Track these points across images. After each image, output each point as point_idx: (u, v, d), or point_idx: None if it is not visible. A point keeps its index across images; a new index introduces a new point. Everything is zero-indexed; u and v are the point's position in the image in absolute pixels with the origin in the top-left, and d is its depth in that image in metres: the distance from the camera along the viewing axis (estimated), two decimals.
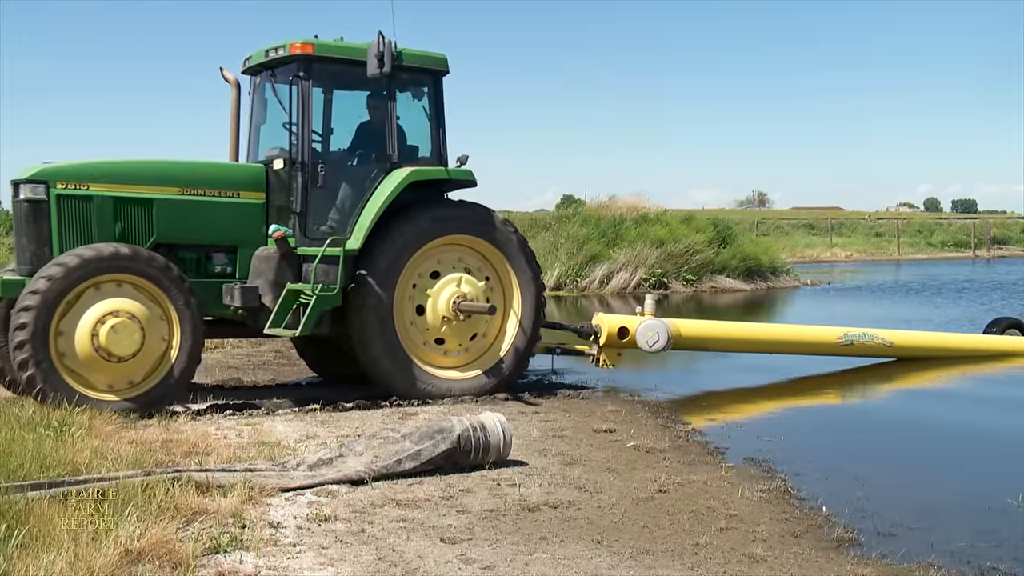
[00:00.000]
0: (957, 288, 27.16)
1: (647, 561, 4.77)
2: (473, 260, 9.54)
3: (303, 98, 8.91)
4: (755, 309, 22.33)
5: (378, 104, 9.33)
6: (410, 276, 9.18)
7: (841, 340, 11.55)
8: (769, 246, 32.95)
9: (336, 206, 9.11)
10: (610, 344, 10.53)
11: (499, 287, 9.66)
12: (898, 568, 4.81)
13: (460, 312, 9.18)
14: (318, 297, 8.51)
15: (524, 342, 9.63)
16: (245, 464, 6.13)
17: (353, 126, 9.65)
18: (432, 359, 9.30)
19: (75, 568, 4.04)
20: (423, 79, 9.55)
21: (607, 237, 27.47)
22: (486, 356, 9.56)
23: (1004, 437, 8.58)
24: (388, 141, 9.20)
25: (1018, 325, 13.67)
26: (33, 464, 5.49)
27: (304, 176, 8.88)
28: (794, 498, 6.11)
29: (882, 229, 60.10)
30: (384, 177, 9.09)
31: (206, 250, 8.91)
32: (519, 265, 9.63)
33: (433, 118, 9.59)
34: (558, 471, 6.56)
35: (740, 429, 8.53)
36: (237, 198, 8.94)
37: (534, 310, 9.69)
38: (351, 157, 9.58)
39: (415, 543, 4.94)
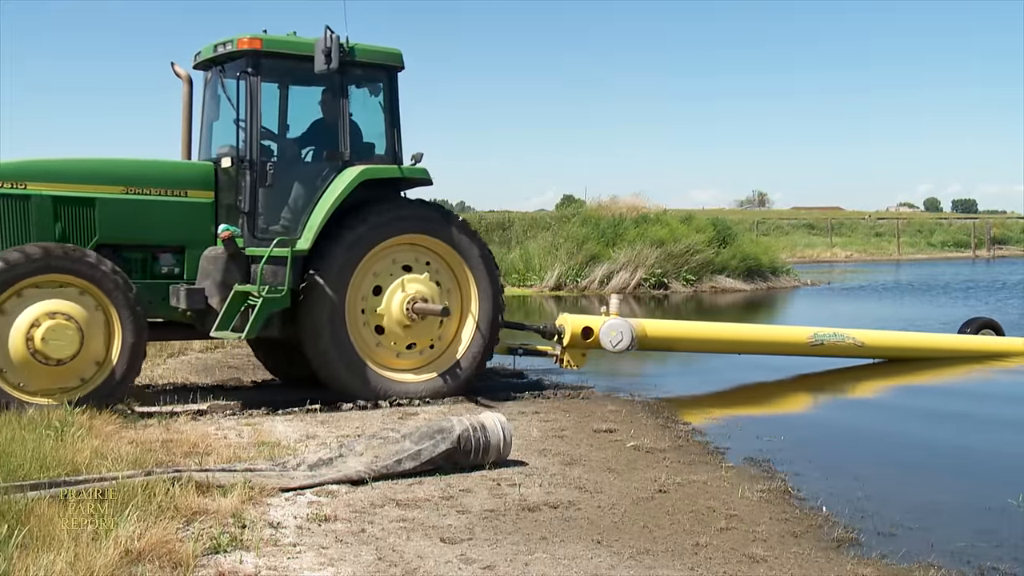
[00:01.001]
0: (963, 288, 27.18)
1: (647, 561, 4.77)
2: (429, 260, 9.31)
3: (251, 95, 8.70)
4: (755, 309, 22.33)
5: (329, 101, 9.15)
6: (363, 277, 8.97)
7: (811, 340, 11.41)
8: (769, 246, 32.96)
9: (286, 205, 8.91)
10: (574, 344, 10.38)
11: (456, 288, 9.47)
12: (898, 568, 4.81)
13: (414, 313, 8.97)
14: (265, 299, 8.29)
15: (482, 343, 9.43)
16: (245, 464, 6.13)
17: (305, 123, 9.46)
18: (387, 361, 9.10)
19: (75, 568, 4.04)
20: (377, 75, 9.33)
21: (607, 237, 27.48)
22: (443, 358, 9.35)
23: (1007, 433, 8.59)
24: (340, 139, 9.00)
25: (992, 325, 13.60)
26: (33, 464, 5.49)
27: (253, 175, 8.66)
28: (794, 498, 6.11)
29: (882, 229, 60.11)
30: (336, 176, 8.90)
31: (152, 251, 8.69)
32: (476, 265, 9.43)
33: (388, 115, 9.37)
34: (558, 471, 6.56)
35: (740, 429, 8.52)
36: (184, 197, 8.72)
37: (492, 311, 9.48)
38: (302, 155, 9.42)
39: (415, 543, 4.94)
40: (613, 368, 12.00)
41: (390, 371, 9.07)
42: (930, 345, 12.57)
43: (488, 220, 31.81)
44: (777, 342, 11.68)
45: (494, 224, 30.98)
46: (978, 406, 9.91)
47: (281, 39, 8.87)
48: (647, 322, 10.97)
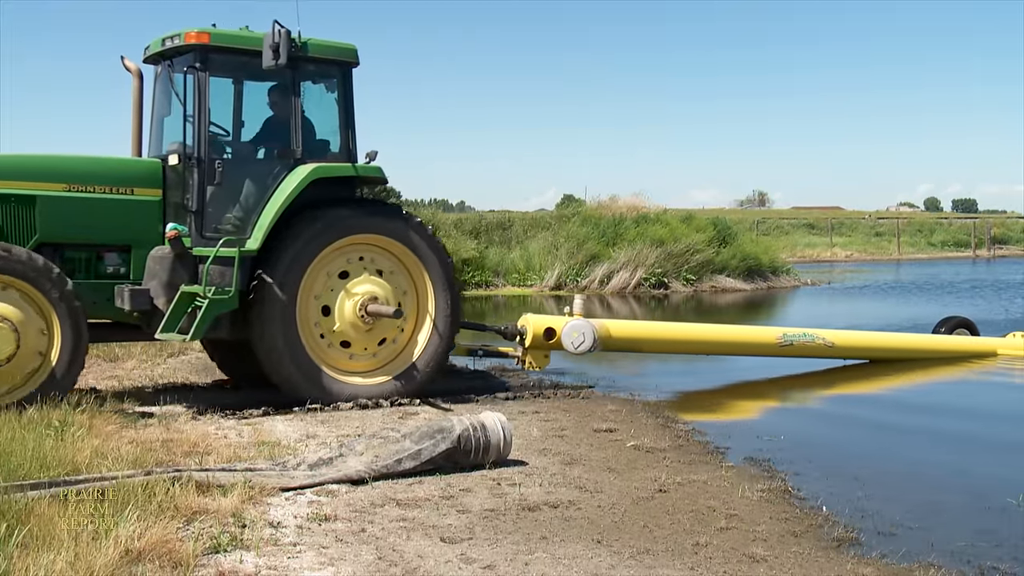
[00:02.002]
0: (969, 287, 27.20)
1: (647, 561, 4.77)
2: (384, 261, 9.11)
3: (199, 90, 8.46)
4: (755, 309, 22.34)
5: (281, 97, 8.95)
6: (315, 278, 8.77)
7: (780, 341, 11.27)
8: (769, 246, 32.95)
9: (236, 204, 8.71)
10: (536, 346, 10.22)
11: (412, 289, 9.25)
12: (898, 568, 4.81)
13: (367, 315, 8.79)
14: (211, 300, 8.08)
15: (438, 345, 9.22)
16: (245, 464, 6.13)
17: (257, 120, 9.24)
18: (340, 363, 8.91)
19: (75, 568, 4.05)
20: (331, 71, 9.13)
21: (607, 237, 27.49)
22: (398, 360, 9.16)
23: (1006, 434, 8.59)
24: (292, 136, 8.79)
25: (967, 324, 13.47)
26: (33, 464, 5.49)
27: (200, 172, 8.43)
28: (794, 498, 6.11)
29: (882, 229, 60.09)
30: (287, 174, 8.70)
31: (97, 250, 8.47)
32: (432, 266, 9.21)
33: (342, 112, 9.15)
34: (558, 471, 6.56)
35: (740, 428, 8.52)
36: (130, 195, 8.48)
37: (449, 312, 9.27)
38: (253, 152, 9.22)
39: (415, 543, 4.94)
40: (613, 367, 11.99)
41: (344, 373, 8.88)
42: (902, 346, 12.43)
43: (488, 220, 31.77)
44: (745, 343, 11.56)
45: (494, 224, 30.94)
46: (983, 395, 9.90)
47: (231, 33, 8.66)
48: (611, 323, 10.82)
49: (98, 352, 11.61)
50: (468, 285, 26.56)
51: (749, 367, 11.68)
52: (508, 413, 7.96)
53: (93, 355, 11.51)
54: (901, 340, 12.67)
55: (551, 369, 11.30)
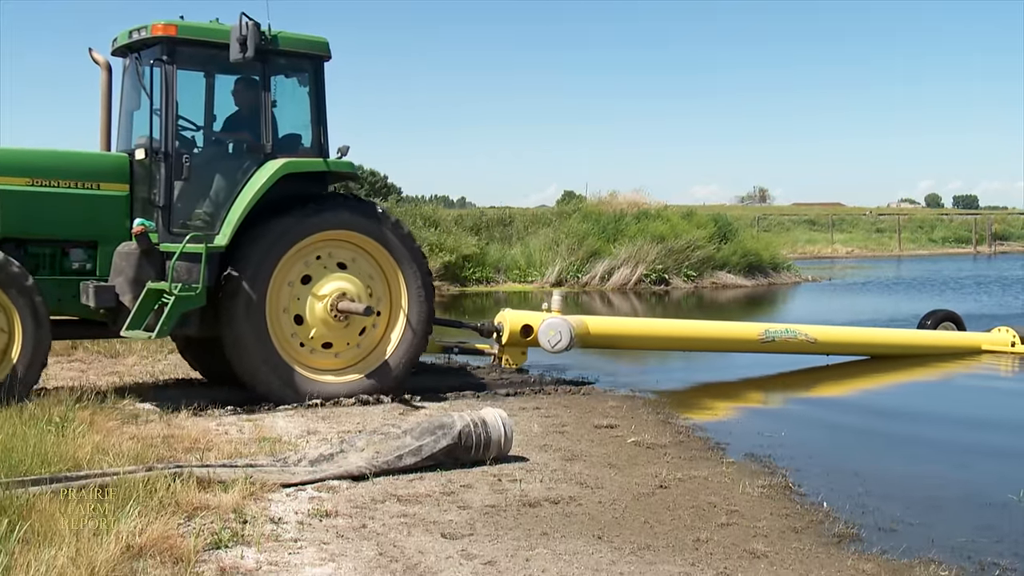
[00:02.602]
0: (974, 283, 27.22)
1: (648, 556, 4.77)
2: (355, 257, 8.96)
3: (166, 83, 8.29)
4: (756, 305, 22.33)
5: (251, 91, 8.79)
6: (285, 275, 8.61)
7: (762, 337, 11.19)
8: (770, 242, 32.95)
9: (205, 199, 8.55)
10: (513, 343, 10.14)
11: (385, 285, 9.09)
12: (899, 564, 4.81)
13: (338, 312, 8.65)
14: (177, 297, 7.92)
15: (412, 342, 9.07)
16: (246, 460, 6.13)
17: (227, 114, 9.09)
18: (311, 361, 8.76)
19: (77, 563, 4.05)
20: (302, 65, 8.99)
21: (608, 233, 27.50)
22: (371, 357, 9.01)
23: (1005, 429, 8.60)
24: (262, 130, 8.65)
25: (953, 318, 13.30)
26: (35, 459, 5.50)
27: (168, 167, 8.26)
28: (795, 494, 6.11)
29: (883, 225, 60.06)
30: (257, 169, 8.54)
31: (62, 245, 8.30)
32: (405, 262, 9.04)
33: (314, 106, 9.03)
34: (559, 467, 6.56)
35: (741, 425, 8.53)
36: (96, 190, 8.30)
37: (423, 309, 9.12)
38: (222, 147, 9.06)
39: (416, 538, 4.94)
40: (614, 364, 12.00)
41: (315, 372, 8.74)
42: (885, 341, 12.31)
43: (489, 216, 31.79)
44: (727, 339, 11.46)
45: (495, 220, 30.95)
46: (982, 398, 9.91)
47: (198, 26, 8.48)
48: (590, 319, 10.72)
49: (99, 348, 11.62)
50: (469, 281, 26.58)
51: (750, 363, 11.68)
52: (509, 409, 7.96)
53: (93, 351, 11.55)
54: (884, 336, 12.54)
55: (552, 365, 11.31)
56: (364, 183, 48.59)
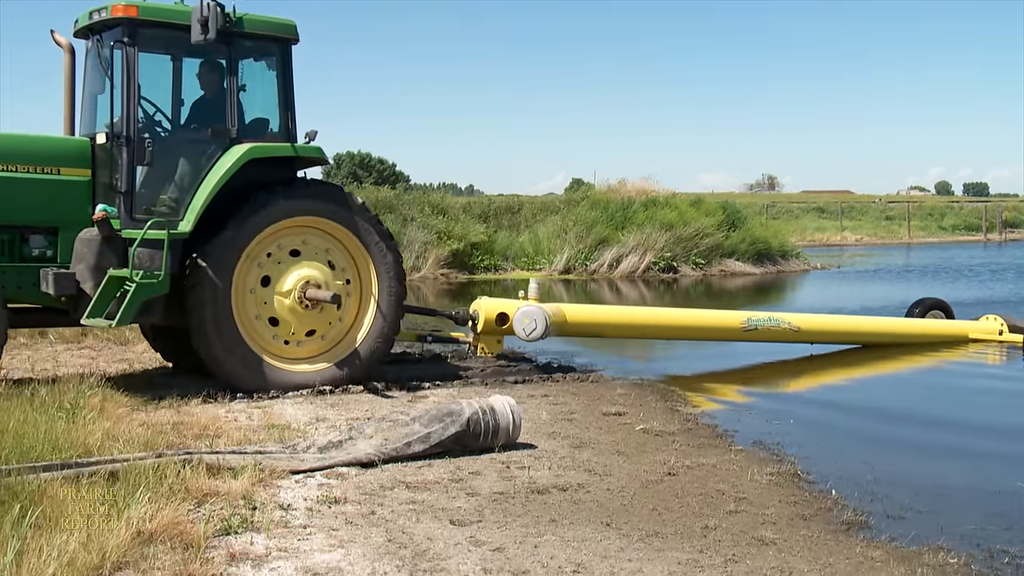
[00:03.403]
0: (990, 270, 27.13)
1: (656, 543, 4.78)
2: (324, 244, 8.81)
3: (127, 65, 8.06)
4: (764, 292, 22.29)
5: (216, 75, 8.61)
6: (252, 262, 8.46)
7: (744, 325, 11.03)
8: (779, 230, 32.86)
9: (168, 185, 8.38)
10: (488, 331, 10.01)
11: (355, 272, 8.96)
12: (908, 551, 4.80)
13: (306, 300, 8.50)
14: (139, 284, 7.73)
15: (382, 330, 8.92)
16: (255, 447, 6.15)
17: (192, 98, 8.90)
18: (279, 350, 8.62)
19: (88, 548, 4.07)
20: (269, 48, 8.79)
21: (616, 221, 27.45)
22: (340, 346, 8.87)
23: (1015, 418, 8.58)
24: (227, 114, 8.45)
25: (942, 306, 13.10)
26: (46, 446, 5.52)
27: (130, 151, 8.04)
28: (803, 481, 6.11)
29: (893, 213, 59.84)
30: (222, 154, 8.37)
31: (21, 231, 8.08)
32: (375, 248, 8.89)
33: (281, 90, 8.81)
34: (567, 454, 6.57)
35: (749, 412, 8.52)
36: (57, 175, 8.09)
37: (393, 296, 8.96)
38: (186, 131, 8.84)
39: (425, 525, 4.96)
40: (622, 351, 12.00)
41: (283, 360, 8.60)
42: (871, 330, 12.13)
43: (497, 204, 31.74)
44: (708, 327, 11.28)
45: (503, 208, 30.91)
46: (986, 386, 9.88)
47: (160, 7, 8.28)
48: (568, 307, 10.56)
49: (108, 335, 11.66)
50: (477, 269, 26.59)
51: (759, 351, 11.66)
52: (517, 396, 7.97)
53: (103, 338, 11.59)
54: (869, 324, 12.34)
55: (560, 352, 11.31)
56: (372, 171, 48.67)
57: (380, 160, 52.29)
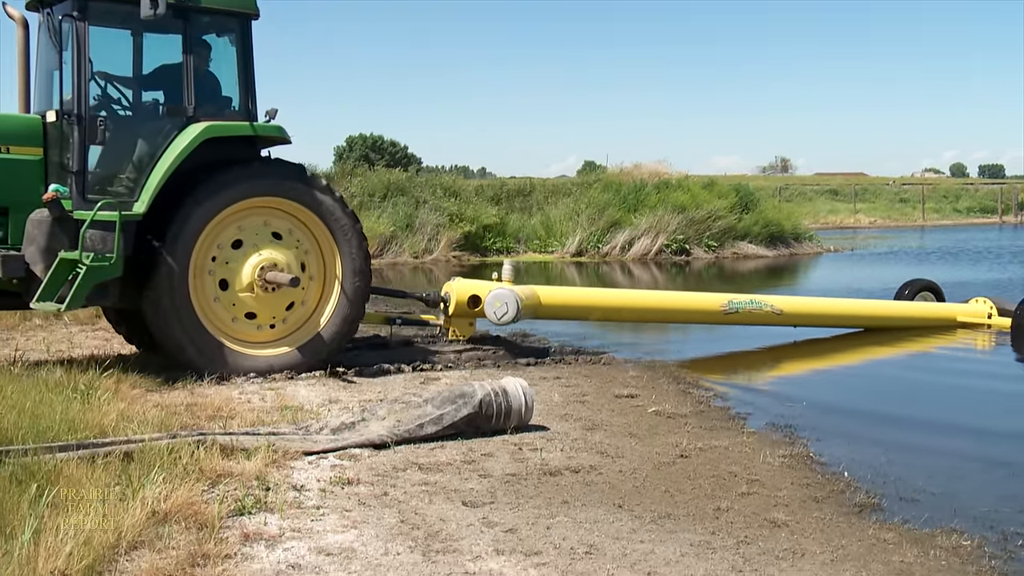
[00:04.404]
0: (1012, 252, 26.94)
1: (668, 525, 4.79)
2: (285, 225, 8.55)
3: (78, 40, 7.77)
4: (777, 274, 22.22)
5: (172, 51, 8.29)
6: (210, 244, 8.21)
7: (725, 308, 10.78)
8: (792, 212, 32.77)
9: (124, 164, 8.12)
10: (460, 314, 9.85)
11: (318, 254, 8.68)
12: (920, 533, 4.80)
13: (266, 283, 8.29)
14: (89, 267, 7.50)
15: (346, 313, 8.68)
16: (268, 428, 6.18)
17: (147, 75, 8.62)
18: (239, 334, 8.38)
19: (104, 528, 4.11)
20: (227, 23, 8.50)
21: (628, 203, 27.40)
22: (303, 330, 8.63)
23: None
24: (184, 92, 8.16)
25: (932, 288, 12.85)
26: (61, 426, 5.56)
27: (81, 130, 7.76)
28: (816, 463, 6.11)
29: (907, 195, 59.45)
30: (178, 133, 8.09)
31: None
32: (339, 230, 8.62)
33: (241, 67, 8.52)
34: (579, 436, 6.58)
35: (761, 394, 8.51)
36: (6, 154, 7.82)
37: (357, 278, 8.71)
38: (142, 109, 8.60)
39: (437, 506, 4.98)
40: (634, 334, 11.99)
41: (243, 344, 8.36)
42: (856, 313, 11.91)
43: (509, 186, 31.71)
44: (687, 310, 11.05)
45: (515, 190, 30.87)
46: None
47: None
48: (542, 289, 10.31)
49: None
50: (489, 251, 26.60)
51: (770, 333, 11.63)
52: (529, 378, 7.97)
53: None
54: (854, 307, 12.10)
55: (572, 335, 11.31)
56: (384, 154, 48.64)
57: (392, 143, 52.21)
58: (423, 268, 23.54)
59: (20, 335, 10.57)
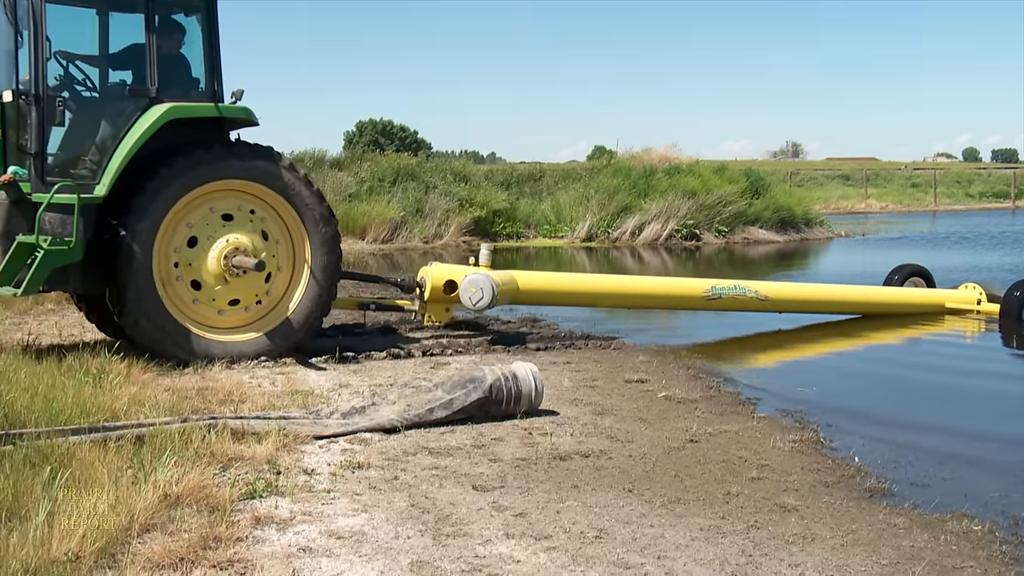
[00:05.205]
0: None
1: (678, 510, 4.79)
2: (251, 207, 8.40)
3: (35, 17, 7.57)
4: (788, 259, 22.15)
5: (135, 29, 8.13)
6: (175, 228, 8.07)
7: (708, 294, 10.65)
8: (803, 197, 32.65)
9: (82, 146, 7.98)
10: (436, 299, 9.75)
11: (287, 238, 8.57)
12: (931, 518, 4.79)
13: (232, 267, 8.16)
14: (47, 251, 7.35)
15: (316, 298, 8.57)
16: (279, 412, 6.21)
17: (110, 55, 8.46)
18: (206, 319, 8.24)
19: (116, 510, 4.13)
20: (191, 3, 8.37)
21: (638, 188, 27.34)
22: (271, 315, 8.51)
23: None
24: (147, 73, 7.99)
25: (922, 273, 12.64)
26: (74, 410, 5.59)
27: (39, 111, 7.59)
28: (826, 448, 6.10)
29: (919, 180, 59.14)
30: (141, 114, 7.94)
31: None
32: (308, 213, 8.49)
33: (206, 48, 8.37)
34: (589, 421, 6.58)
35: (771, 379, 8.49)
36: None
37: (327, 262, 8.59)
38: (103, 90, 8.42)
39: (447, 490, 4.99)
40: (644, 319, 11.97)
41: (211, 330, 8.23)
42: (842, 298, 11.72)
43: (519, 171, 31.67)
44: (669, 295, 10.87)
45: (525, 175, 30.85)
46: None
47: None
48: (521, 275, 10.14)
49: None
50: (499, 236, 26.59)
51: (782, 318, 11.60)
52: (539, 363, 7.98)
53: None
54: (840, 293, 11.91)
55: (582, 319, 11.30)
56: (394, 139, 48.60)
57: (402, 127, 52.19)
58: (433, 253, 23.53)
59: (32, 319, 10.62)
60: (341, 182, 26.79)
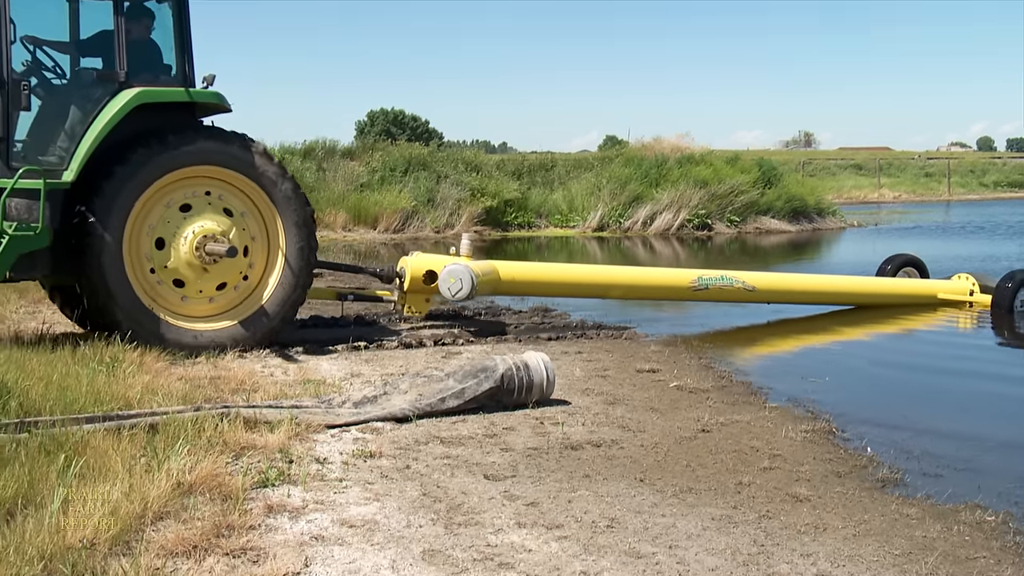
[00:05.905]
0: None
1: (690, 499, 4.79)
2: (226, 195, 8.30)
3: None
4: (801, 250, 22.07)
5: (104, 13, 8.03)
6: (146, 214, 7.98)
7: (693, 285, 10.49)
8: (815, 187, 32.53)
9: (50, 131, 7.89)
10: (416, 289, 9.64)
11: (261, 226, 8.45)
12: (944, 508, 4.78)
13: (205, 255, 8.07)
14: (12, 237, 7.28)
15: (291, 287, 8.44)
16: (291, 401, 6.22)
17: (79, 39, 8.35)
18: (178, 307, 8.14)
19: (130, 498, 4.16)
20: None
21: (650, 178, 27.27)
22: (245, 304, 8.40)
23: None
24: (116, 57, 7.88)
25: (915, 263, 12.48)
26: (88, 398, 5.63)
27: (4, 96, 7.49)
28: (838, 438, 6.08)
29: (932, 169, 58.82)
30: (110, 99, 7.85)
31: None
32: (282, 200, 8.37)
33: (176, 32, 8.24)
34: (601, 410, 6.58)
35: (783, 369, 8.48)
36: None
37: (302, 251, 8.48)
38: (72, 75, 8.29)
39: (459, 480, 5.00)
40: (656, 309, 11.96)
41: (183, 319, 8.11)
42: (832, 289, 11.57)
43: (531, 161, 31.63)
44: (654, 286, 10.73)
45: (537, 165, 30.80)
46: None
47: None
48: (502, 265, 10.01)
49: None
50: (511, 226, 26.59)
51: (792, 309, 11.57)
52: (551, 353, 7.98)
53: None
54: (829, 283, 11.78)
55: (593, 308, 11.29)
56: (406, 128, 48.60)
57: (413, 117, 52.21)
58: (444, 242, 23.53)
59: (47, 308, 10.66)
60: (353, 171, 26.81)
